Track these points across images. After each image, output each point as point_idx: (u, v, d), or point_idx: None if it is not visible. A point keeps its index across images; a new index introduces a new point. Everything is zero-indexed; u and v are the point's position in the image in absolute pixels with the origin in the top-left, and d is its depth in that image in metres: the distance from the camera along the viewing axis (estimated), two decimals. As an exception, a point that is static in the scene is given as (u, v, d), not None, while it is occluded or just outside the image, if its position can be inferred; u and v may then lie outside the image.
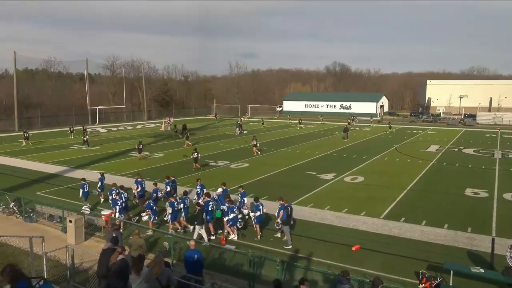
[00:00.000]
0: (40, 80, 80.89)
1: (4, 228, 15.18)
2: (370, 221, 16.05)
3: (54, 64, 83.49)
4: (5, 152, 33.52)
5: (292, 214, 14.28)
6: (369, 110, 75.30)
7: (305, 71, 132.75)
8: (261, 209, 14.49)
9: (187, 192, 16.15)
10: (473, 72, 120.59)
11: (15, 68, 55.07)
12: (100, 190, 19.05)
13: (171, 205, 14.87)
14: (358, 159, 29.98)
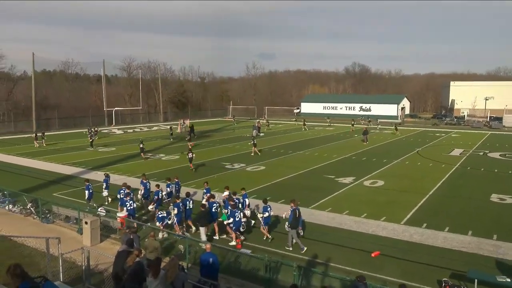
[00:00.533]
0: (58, 81, 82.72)
1: (22, 228, 15.54)
2: (390, 227, 15.85)
3: (71, 66, 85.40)
4: (23, 153, 34.33)
5: (299, 217, 14.13)
6: (389, 112, 74.45)
7: (324, 72, 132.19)
8: (269, 210, 14.67)
9: (190, 193, 16.38)
10: (500, 73, 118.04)
11: (33, 70, 56.40)
12: (106, 190, 19.48)
13: (176, 206, 15.01)
14: (378, 163, 29.65)
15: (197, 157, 32.06)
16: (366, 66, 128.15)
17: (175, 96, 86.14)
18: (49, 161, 30.51)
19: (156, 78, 79.51)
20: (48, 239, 10.58)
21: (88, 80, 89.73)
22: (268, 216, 14.68)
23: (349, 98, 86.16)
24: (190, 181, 23.25)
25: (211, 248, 10.58)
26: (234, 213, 14.12)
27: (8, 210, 18.06)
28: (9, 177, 25.01)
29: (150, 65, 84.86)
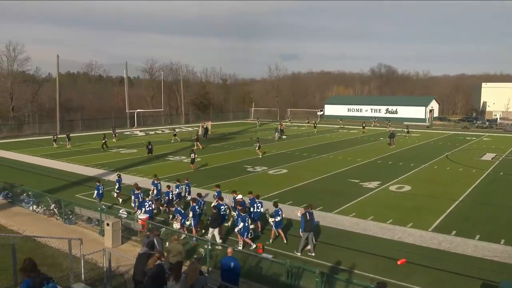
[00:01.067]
0: (81, 83, 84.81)
1: (45, 229, 15.96)
2: (418, 234, 15.54)
3: (94, 68, 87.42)
4: (47, 154, 35.29)
5: (311, 221, 13.92)
6: (417, 114, 73.20)
7: (348, 74, 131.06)
8: (280, 214, 14.70)
9: (201, 195, 16.63)
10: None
11: (58, 72, 57.96)
12: (118, 192, 19.99)
13: (192, 209, 15.13)
14: (405, 167, 29.17)
15: (218, 159, 32.33)
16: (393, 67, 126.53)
17: (197, 98, 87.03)
18: (72, 163, 31.26)
19: (178, 80, 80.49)
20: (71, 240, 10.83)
21: (110, 82, 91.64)
22: (280, 220, 14.72)
23: (374, 100, 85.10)
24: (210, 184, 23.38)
25: (233, 252, 10.60)
26: (244, 218, 14.09)
27: (32, 211, 18.59)
28: (33, 178, 25.74)
29: (172, 66, 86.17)
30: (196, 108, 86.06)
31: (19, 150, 38.40)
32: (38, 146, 41.14)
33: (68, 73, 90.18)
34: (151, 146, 33.68)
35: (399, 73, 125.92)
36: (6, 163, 31.75)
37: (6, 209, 19.00)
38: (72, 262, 10.63)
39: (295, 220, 16.34)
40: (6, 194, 20.62)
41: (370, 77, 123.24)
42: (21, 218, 17.52)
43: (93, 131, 55.47)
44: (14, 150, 38.44)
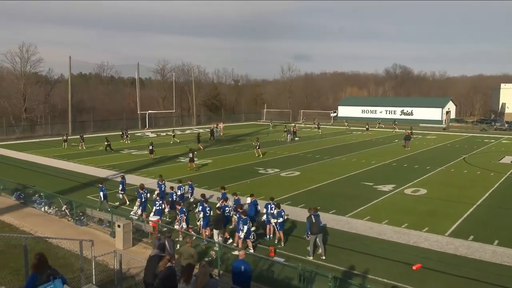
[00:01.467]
0: (93, 84, 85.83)
1: (57, 230, 16.17)
2: (434, 238, 15.36)
3: (106, 69, 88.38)
4: (59, 155, 35.76)
5: (317, 223, 13.83)
6: (433, 116, 72.40)
7: (362, 74, 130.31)
8: (283, 215, 14.83)
9: (205, 195, 16.90)
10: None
11: (70, 73, 58.82)
12: (123, 193, 20.29)
13: (203, 210, 15.33)
14: (421, 170, 28.87)
15: (230, 161, 32.39)
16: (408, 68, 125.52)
17: (209, 99, 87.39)
18: (83, 164, 31.62)
19: (189, 80, 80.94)
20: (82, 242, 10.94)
21: (122, 83, 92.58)
22: (282, 221, 14.88)
23: (389, 101, 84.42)
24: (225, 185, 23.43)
25: (244, 255, 10.59)
26: (246, 221, 14.07)
27: (44, 212, 18.85)
28: (45, 179, 26.11)
29: (183, 67, 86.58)
30: (208, 110, 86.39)
31: (32, 151, 39.00)
32: (50, 147, 41.72)
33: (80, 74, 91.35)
34: (152, 147, 33.99)
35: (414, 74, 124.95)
36: (18, 164, 32.26)
37: (18, 210, 19.31)
38: (83, 264, 10.73)
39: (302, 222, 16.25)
40: (19, 195, 20.96)
41: (384, 78, 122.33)
42: (33, 219, 17.78)
43: (105, 132, 56.03)
44: (26, 151, 39.05)
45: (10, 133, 52.48)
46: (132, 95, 75.10)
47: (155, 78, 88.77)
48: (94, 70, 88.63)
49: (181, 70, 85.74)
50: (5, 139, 49.01)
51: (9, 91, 60.90)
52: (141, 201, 17.49)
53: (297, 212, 18.46)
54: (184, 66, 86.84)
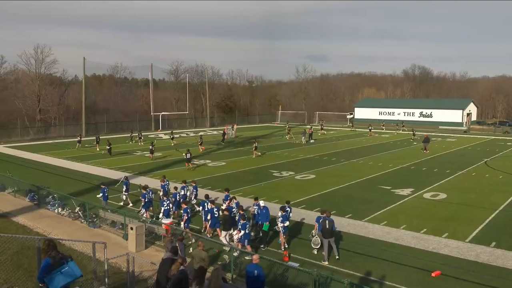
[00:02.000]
0: (107, 85, 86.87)
1: (70, 232, 16.40)
2: (454, 244, 15.14)
3: (120, 70, 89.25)
4: (73, 157, 36.28)
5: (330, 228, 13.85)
6: (453, 118, 71.34)
7: (380, 75, 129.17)
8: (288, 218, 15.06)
9: (209, 196, 17.11)
10: None
11: (84, 74, 59.63)
12: (126, 194, 20.71)
13: (210, 212, 15.82)
14: (440, 174, 28.49)
15: (244, 163, 32.44)
16: (427, 68, 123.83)
17: (223, 101, 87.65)
18: (97, 165, 32.01)
19: (203, 82, 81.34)
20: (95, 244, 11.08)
21: (136, 84, 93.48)
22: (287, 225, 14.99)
23: (407, 103, 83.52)
24: (235, 189, 23.51)
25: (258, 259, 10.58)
26: (245, 226, 14.17)
27: (57, 213, 19.14)
28: (59, 180, 26.51)
29: (197, 68, 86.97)
30: (222, 111, 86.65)
31: (46, 152, 39.67)
32: (63, 149, 42.34)
33: (94, 76, 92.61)
34: (152, 146, 34.75)
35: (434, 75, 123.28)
36: (32, 165, 32.83)
37: (32, 211, 19.64)
38: (96, 266, 10.86)
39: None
40: (33, 196, 21.33)
41: (403, 79, 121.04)
42: (46, 221, 18.07)
43: (118, 133, 56.62)
44: (40, 152, 39.72)
45: (24, 135, 53.43)
46: (146, 97, 75.75)
47: (168, 79, 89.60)
48: (108, 71, 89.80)
49: (194, 71, 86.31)
50: (20, 140, 49.92)
51: (24, 93, 62.07)
52: (144, 201, 18.06)
53: (312, 216, 18.34)
54: (198, 67, 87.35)
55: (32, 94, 61.76)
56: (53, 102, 63.08)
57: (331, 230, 13.83)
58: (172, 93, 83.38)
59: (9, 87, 66.55)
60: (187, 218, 15.79)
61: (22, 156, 37.47)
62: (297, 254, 14.30)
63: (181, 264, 9.33)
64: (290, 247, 14.97)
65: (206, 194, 17.31)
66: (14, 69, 70.88)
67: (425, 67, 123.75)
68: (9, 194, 22.98)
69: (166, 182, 19.98)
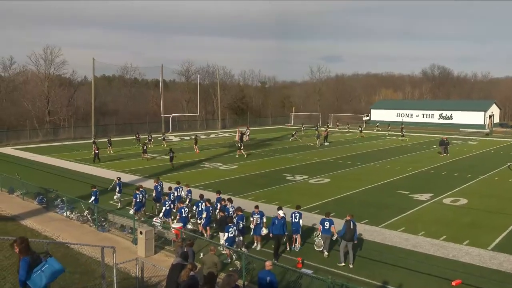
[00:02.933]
0: (117, 87, 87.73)
1: (78, 236, 16.58)
2: (475, 252, 14.95)
3: (130, 71, 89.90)
4: (81, 159, 36.69)
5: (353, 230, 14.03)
6: (475, 120, 70.46)
7: (397, 76, 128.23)
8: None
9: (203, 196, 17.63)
10: None
11: (94, 75, 60.30)
12: (119, 195, 21.27)
13: (206, 210, 16.27)
14: (461, 178, 28.16)
15: (256, 167, 32.47)
16: (447, 68, 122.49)
17: (234, 102, 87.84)
18: (106, 168, 32.33)
19: (214, 83, 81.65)
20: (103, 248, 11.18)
21: (146, 85, 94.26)
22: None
23: (427, 105, 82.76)
24: (247, 193, 23.54)
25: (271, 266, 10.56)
26: (228, 228, 14.13)
27: (66, 217, 19.37)
28: (67, 183, 26.83)
29: (209, 69, 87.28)
30: (233, 113, 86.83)
31: (54, 154, 40.20)
32: (72, 151, 42.86)
33: (104, 76, 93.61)
34: (172, 153, 33.21)
35: (454, 75, 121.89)
36: (41, 167, 33.30)
37: (41, 214, 19.91)
38: (104, 271, 10.96)
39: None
40: (41, 199, 21.61)
41: (421, 80, 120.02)
42: (55, 224, 18.30)
43: (128, 136, 57.08)
44: (49, 154, 40.28)
45: (33, 136, 54.20)
46: (156, 98, 76.33)
47: (179, 80, 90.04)
48: (118, 72, 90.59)
49: (206, 72, 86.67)
50: (29, 142, 50.70)
51: (33, 94, 63.02)
52: (135, 201, 18.55)
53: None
54: (209, 68, 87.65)
55: (41, 95, 62.62)
56: (62, 104, 63.87)
57: (353, 233, 13.89)
58: (182, 94, 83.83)
59: (18, 88, 67.66)
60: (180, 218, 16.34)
61: (31, 158, 38.04)
62: (310, 261, 14.25)
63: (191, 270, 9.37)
64: (304, 253, 14.93)
65: (201, 194, 17.91)
66: (23, 70, 71.95)
67: (445, 67, 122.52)
68: (18, 197, 23.31)
69: (159, 183, 20.54)
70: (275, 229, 14.65)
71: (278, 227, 14.63)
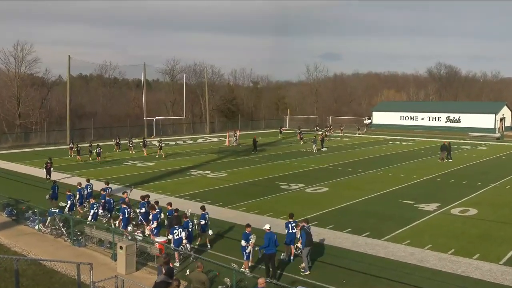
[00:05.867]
0: (94, 87, 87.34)
1: (52, 252, 16.41)
2: (486, 267, 15.03)
3: (109, 69, 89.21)
4: (56, 167, 36.32)
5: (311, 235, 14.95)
6: (484, 124, 71.11)
7: (401, 75, 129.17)
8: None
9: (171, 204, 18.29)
10: None
11: (69, 74, 60.03)
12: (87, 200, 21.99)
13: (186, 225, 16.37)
14: (470, 187, 28.36)
15: (247, 174, 32.46)
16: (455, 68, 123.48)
17: (224, 104, 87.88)
18: (83, 176, 32.05)
19: (202, 82, 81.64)
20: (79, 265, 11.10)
21: (126, 85, 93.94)
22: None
23: (432, 107, 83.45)
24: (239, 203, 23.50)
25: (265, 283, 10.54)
26: (173, 230, 15.05)
27: (38, 230, 19.17)
28: (40, 193, 26.45)
29: (195, 68, 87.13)
30: (223, 115, 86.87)
31: (25, 161, 39.87)
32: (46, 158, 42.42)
33: (80, 76, 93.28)
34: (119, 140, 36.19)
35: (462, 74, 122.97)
36: (11, 176, 33.00)
37: (10, 228, 19.68)
38: (80, 290, 10.87)
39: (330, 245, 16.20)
40: (10, 211, 21.36)
41: (427, 79, 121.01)
42: (26, 238, 18.11)
43: (107, 141, 56.75)
44: (20, 161, 39.94)
45: (2, 142, 53.71)
46: (138, 99, 76.10)
47: (163, 79, 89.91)
48: (96, 71, 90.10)
49: (192, 71, 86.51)
50: (-3, 148, 50.20)
51: (2, 95, 62.50)
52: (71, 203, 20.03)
53: (324, 234, 18.33)
54: (196, 66, 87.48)
55: (11, 97, 62.13)
56: (34, 105, 63.43)
57: (311, 237, 15.03)
58: (167, 95, 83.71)
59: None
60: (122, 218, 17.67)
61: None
62: (307, 277, 14.23)
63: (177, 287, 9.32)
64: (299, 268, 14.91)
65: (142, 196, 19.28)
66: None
67: (452, 66, 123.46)
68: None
69: (89, 184, 21.93)
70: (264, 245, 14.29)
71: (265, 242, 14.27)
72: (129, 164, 38.11)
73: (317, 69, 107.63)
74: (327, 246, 16.85)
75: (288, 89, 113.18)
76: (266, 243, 14.06)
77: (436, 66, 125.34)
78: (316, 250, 16.22)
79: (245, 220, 19.24)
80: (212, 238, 17.43)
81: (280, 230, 16.59)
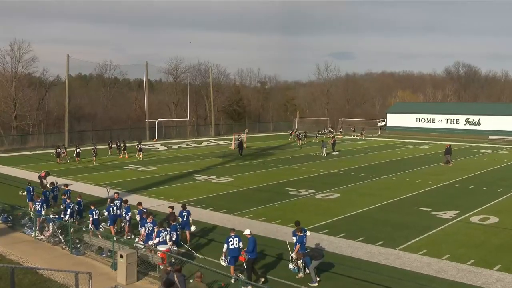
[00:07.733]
0: (94, 87, 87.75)
1: (49, 260, 16.50)
2: (508, 279, 14.93)
3: (109, 69, 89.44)
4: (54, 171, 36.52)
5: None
6: (506, 126, 70.58)
7: (417, 75, 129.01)
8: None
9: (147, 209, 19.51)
10: None
11: (68, 74, 60.39)
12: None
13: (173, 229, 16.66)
14: (491, 193, 28.19)
15: (255, 180, 32.47)
16: (474, 67, 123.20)
17: (230, 105, 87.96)
18: (82, 181, 32.29)
19: (207, 83, 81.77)
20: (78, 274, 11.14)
21: (128, 85, 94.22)
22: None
23: (451, 108, 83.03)
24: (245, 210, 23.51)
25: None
26: (159, 233, 15.53)
27: (34, 238, 19.29)
28: (37, 199, 26.68)
29: (200, 67, 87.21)
30: (228, 117, 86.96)
31: (22, 165, 40.12)
32: (43, 161, 42.80)
33: (79, 76, 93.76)
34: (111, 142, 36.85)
35: (482, 74, 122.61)
36: (7, 180, 33.20)
37: (5, 235, 19.82)
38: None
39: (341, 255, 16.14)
40: (6, 218, 21.52)
41: (444, 80, 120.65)
42: (22, 246, 18.22)
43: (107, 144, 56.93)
44: (16, 165, 40.19)
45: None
46: (139, 100, 76.41)
47: (166, 80, 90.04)
48: (96, 71, 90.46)
49: (197, 71, 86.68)
50: (-8, 151, 50.56)
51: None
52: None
53: (336, 242, 18.30)
54: (201, 66, 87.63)
55: (7, 97, 62.51)
56: (31, 107, 63.80)
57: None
58: (170, 96, 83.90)
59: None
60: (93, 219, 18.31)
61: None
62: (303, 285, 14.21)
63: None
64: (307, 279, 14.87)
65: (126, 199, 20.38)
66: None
67: (471, 65, 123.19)
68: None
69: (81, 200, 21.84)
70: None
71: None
72: (130, 169, 38.22)
73: (328, 68, 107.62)
74: (339, 256, 16.79)
75: (297, 90, 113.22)
76: (250, 248, 14.41)
77: (454, 65, 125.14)
78: (327, 260, 16.20)
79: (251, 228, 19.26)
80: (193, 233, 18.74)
81: (288, 238, 16.66)
